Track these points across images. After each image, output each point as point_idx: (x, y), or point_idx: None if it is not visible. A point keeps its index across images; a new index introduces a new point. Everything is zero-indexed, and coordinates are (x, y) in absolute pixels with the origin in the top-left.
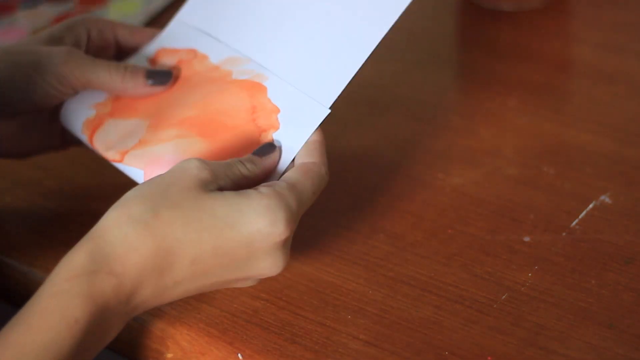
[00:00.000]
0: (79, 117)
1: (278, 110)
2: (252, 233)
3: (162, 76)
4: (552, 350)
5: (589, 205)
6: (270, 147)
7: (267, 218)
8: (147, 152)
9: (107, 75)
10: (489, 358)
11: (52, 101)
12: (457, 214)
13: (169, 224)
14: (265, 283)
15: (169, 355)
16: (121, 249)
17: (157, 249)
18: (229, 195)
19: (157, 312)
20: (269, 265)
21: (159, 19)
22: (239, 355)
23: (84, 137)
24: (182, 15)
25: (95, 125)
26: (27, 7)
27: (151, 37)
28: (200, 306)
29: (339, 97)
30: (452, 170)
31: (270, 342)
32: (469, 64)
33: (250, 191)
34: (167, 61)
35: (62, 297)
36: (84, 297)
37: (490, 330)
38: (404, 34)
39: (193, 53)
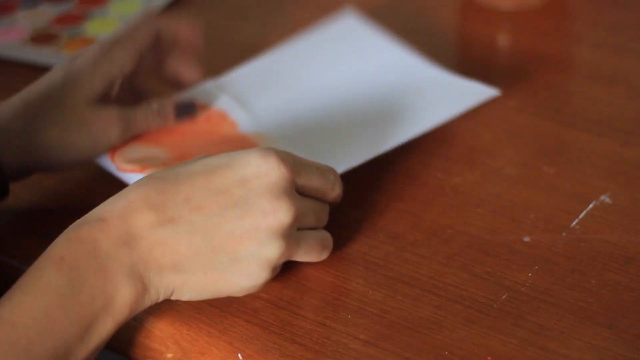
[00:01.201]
0: None
1: None
2: (243, 167)
3: (188, 109)
4: (552, 350)
5: (589, 205)
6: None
7: (258, 153)
8: None
9: (145, 123)
10: (489, 358)
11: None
12: (457, 214)
13: (161, 174)
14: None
15: (169, 355)
16: (109, 203)
17: (147, 190)
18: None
19: (157, 311)
20: (272, 206)
21: None
22: (239, 355)
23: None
24: (222, 82)
25: (120, 146)
26: (27, 7)
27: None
28: (200, 306)
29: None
30: (452, 170)
31: (270, 342)
32: (469, 63)
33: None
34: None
35: (50, 246)
36: (69, 239)
37: (490, 330)
38: (404, 34)
39: (222, 116)
